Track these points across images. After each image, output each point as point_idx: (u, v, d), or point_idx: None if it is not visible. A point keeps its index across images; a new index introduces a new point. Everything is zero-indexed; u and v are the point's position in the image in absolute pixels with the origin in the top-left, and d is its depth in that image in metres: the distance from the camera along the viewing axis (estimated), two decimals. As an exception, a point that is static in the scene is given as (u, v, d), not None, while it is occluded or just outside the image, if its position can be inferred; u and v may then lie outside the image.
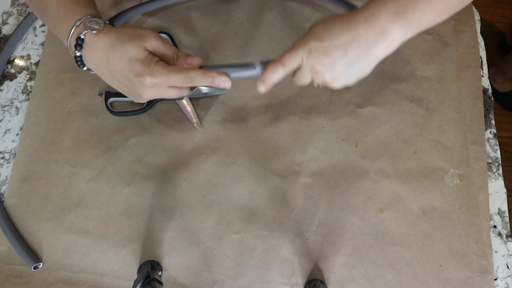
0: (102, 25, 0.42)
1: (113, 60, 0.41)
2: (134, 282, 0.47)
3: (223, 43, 0.64)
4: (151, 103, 0.59)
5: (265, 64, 0.43)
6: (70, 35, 0.42)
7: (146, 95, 0.42)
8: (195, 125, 0.59)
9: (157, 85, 0.41)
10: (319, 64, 0.40)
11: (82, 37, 0.41)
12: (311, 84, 0.44)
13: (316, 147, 0.59)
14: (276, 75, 0.42)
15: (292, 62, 0.41)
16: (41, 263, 0.53)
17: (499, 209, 0.58)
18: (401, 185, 0.58)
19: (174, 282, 0.54)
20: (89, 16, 0.43)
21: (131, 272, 0.54)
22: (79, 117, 0.60)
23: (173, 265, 0.54)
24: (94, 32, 0.41)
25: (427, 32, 0.65)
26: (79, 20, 0.42)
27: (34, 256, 0.53)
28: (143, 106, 0.59)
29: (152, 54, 0.41)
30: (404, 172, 0.58)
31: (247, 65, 0.44)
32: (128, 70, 0.40)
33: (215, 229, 0.55)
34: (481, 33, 0.67)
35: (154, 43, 0.41)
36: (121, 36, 0.41)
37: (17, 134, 0.60)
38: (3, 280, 0.53)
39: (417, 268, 0.54)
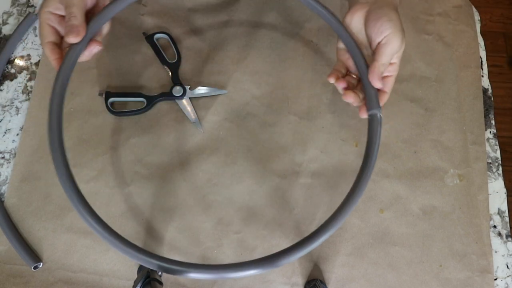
0: None
1: None
2: (134, 282, 0.47)
3: (223, 43, 0.64)
4: (151, 103, 0.59)
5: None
6: None
7: None
8: (195, 125, 0.59)
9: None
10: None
11: None
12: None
13: (316, 147, 0.59)
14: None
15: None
16: (41, 263, 0.53)
17: (499, 209, 0.58)
18: (401, 185, 0.58)
19: (174, 282, 0.54)
20: None
21: (131, 272, 0.54)
22: (79, 117, 0.60)
23: (173, 265, 0.54)
24: None
25: (427, 32, 0.65)
26: None
27: (34, 256, 0.53)
28: (143, 106, 0.59)
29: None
30: (404, 172, 0.58)
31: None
32: None
33: (215, 229, 0.55)
34: (481, 33, 0.67)
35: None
36: None
37: (17, 134, 0.60)
38: (3, 280, 0.53)
39: (417, 268, 0.54)
